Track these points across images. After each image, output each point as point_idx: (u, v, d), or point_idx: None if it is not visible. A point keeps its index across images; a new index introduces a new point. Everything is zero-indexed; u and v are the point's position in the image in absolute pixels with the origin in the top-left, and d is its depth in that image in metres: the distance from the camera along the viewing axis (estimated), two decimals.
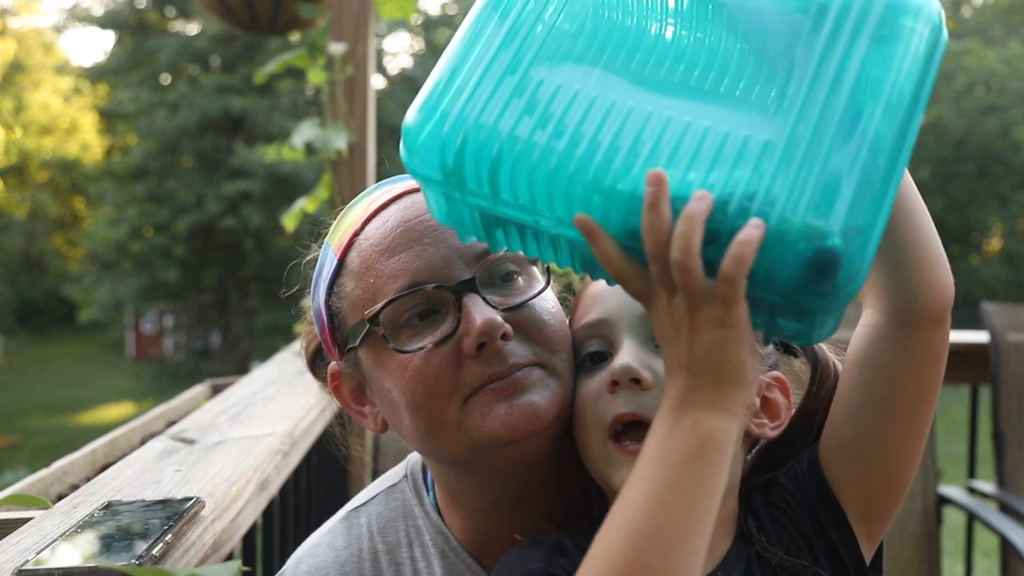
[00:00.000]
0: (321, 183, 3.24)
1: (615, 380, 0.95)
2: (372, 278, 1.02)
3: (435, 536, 1.12)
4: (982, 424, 3.41)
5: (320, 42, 3.19)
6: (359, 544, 1.13)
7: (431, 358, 0.98)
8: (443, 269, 1.00)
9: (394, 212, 1.04)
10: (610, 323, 1.00)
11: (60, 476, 1.70)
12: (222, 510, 1.24)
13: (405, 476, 1.19)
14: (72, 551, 1.00)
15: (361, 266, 1.03)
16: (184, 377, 18.04)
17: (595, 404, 0.97)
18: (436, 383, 0.98)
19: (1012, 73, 25.59)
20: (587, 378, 1.00)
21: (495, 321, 0.96)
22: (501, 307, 1.00)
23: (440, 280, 0.99)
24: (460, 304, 0.98)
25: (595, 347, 1.01)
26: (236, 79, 19.39)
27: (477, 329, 0.96)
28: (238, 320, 20.26)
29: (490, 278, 1.01)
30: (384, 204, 1.06)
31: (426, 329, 1.00)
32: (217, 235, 19.93)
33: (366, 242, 1.04)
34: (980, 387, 3.41)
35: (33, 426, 17.78)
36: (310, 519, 2.19)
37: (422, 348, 0.98)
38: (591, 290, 1.05)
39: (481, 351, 0.97)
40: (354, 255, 1.05)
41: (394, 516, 1.15)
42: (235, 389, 2.20)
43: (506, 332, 0.97)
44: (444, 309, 1.00)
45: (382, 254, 1.02)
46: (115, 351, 27.26)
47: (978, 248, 29.03)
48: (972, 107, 26.24)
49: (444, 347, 0.98)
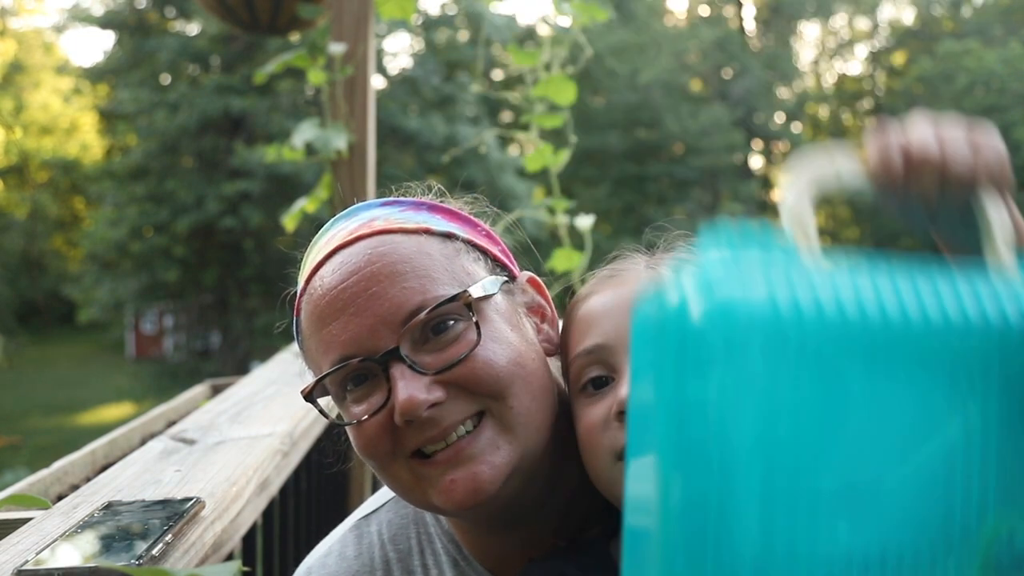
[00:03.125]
0: (321, 183, 3.24)
1: (623, 411, 0.92)
2: (313, 345, 1.04)
3: (447, 544, 1.12)
4: None
5: (320, 42, 3.19)
6: (370, 553, 1.13)
7: (366, 428, 0.99)
8: (368, 340, 0.98)
9: (327, 272, 1.03)
10: (610, 348, 0.97)
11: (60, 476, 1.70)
12: (222, 510, 1.24)
13: None
14: (72, 551, 1.00)
15: (307, 330, 1.06)
16: (184, 377, 18.03)
17: (602, 431, 0.95)
18: (375, 449, 1.00)
19: (1012, 73, 25.56)
20: (590, 404, 0.97)
21: (415, 399, 0.95)
22: (432, 370, 0.97)
23: (366, 352, 0.98)
24: (388, 374, 0.98)
25: (596, 372, 0.98)
26: (236, 79, 19.39)
27: (400, 408, 0.96)
28: (238, 320, 20.26)
29: (421, 335, 0.99)
30: (322, 261, 1.05)
31: (364, 394, 1.01)
32: (217, 235, 19.93)
33: (308, 304, 1.05)
34: None
35: (33, 426, 17.78)
36: (310, 519, 2.19)
37: (355, 421, 1.00)
38: (585, 312, 1.01)
39: (410, 424, 0.97)
40: (304, 317, 1.07)
41: (405, 524, 1.15)
42: (235, 389, 2.20)
43: (435, 402, 0.96)
44: (376, 376, 1.00)
45: (317, 322, 1.03)
46: (115, 351, 27.26)
47: None
48: (972, 107, 26.20)
49: (379, 416, 0.98)
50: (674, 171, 27.39)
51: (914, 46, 31.99)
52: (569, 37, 3.04)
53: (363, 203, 1.10)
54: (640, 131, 27.41)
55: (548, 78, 3.00)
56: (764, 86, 29.86)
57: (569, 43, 3.05)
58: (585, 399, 0.98)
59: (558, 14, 3.03)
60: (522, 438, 0.99)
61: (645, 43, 27.68)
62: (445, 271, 1.01)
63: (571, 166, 3.25)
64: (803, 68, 34.48)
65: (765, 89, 29.93)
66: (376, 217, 1.06)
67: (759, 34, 33.78)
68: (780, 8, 32.55)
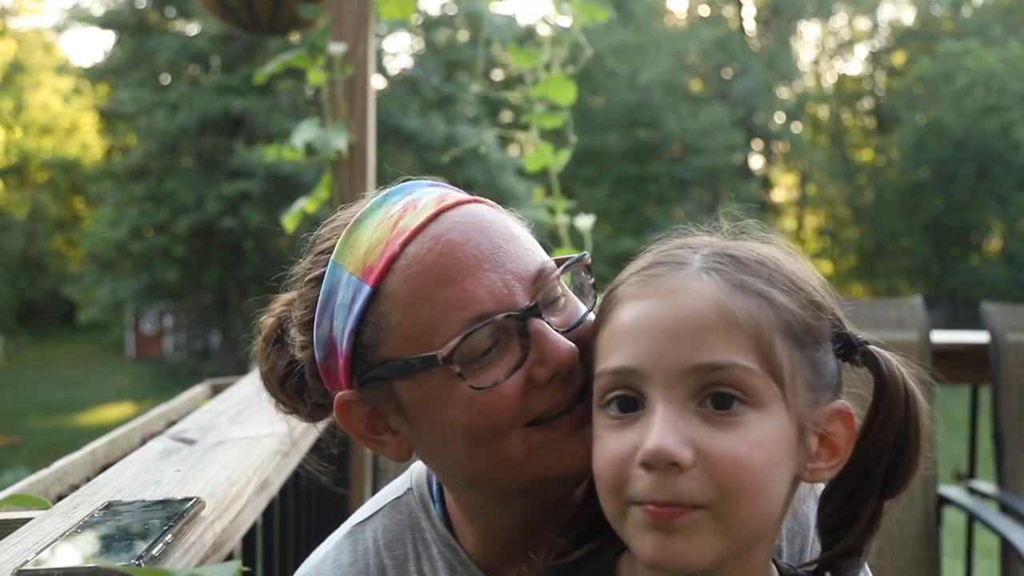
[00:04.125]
0: (321, 183, 3.24)
1: (647, 463, 0.80)
2: (428, 309, 0.95)
3: (443, 549, 1.10)
4: (982, 424, 3.41)
5: (320, 42, 3.19)
6: (365, 560, 1.11)
7: (503, 391, 0.94)
8: (507, 296, 0.96)
9: (439, 234, 0.98)
10: (641, 375, 0.83)
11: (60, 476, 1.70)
12: (222, 510, 1.24)
13: (410, 488, 1.16)
14: (72, 551, 1.00)
15: (410, 295, 0.96)
16: (184, 377, 18.03)
17: (620, 470, 0.82)
18: (503, 415, 0.95)
19: (1012, 73, 25.56)
20: (614, 428, 0.85)
21: (573, 350, 0.94)
22: (562, 329, 0.97)
23: (506, 308, 0.95)
24: (527, 332, 0.95)
25: (622, 392, 0.85)
26: (236, 79, 19.40)
27: (558, 359, 0.94)
28: (238, 320, 20.24)
29: (544, 300, 0.99)
30: (422, 225, 0.99)
31: (495, 358, 0.96)
32: (217, 235, 19.93)
33: (413, 268, 0.96)
34: (980, 387, 3.41)
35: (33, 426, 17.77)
36: (310, 519, 2.19)
37: (495, 383, 0.94)
38: (619, 321, 0.88)
39: (553, 379, 0.95)
40: (397, 283, 0.97)
41: (400, 530, 1.13)
42: (235, 389, 2.20)
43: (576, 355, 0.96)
44: (506, 338, 0.96)
45: (437, 283, 0.95)
46: (115, 351, 27.26)
47: (978, 248, 29.00)
48: (972, 107, 26.21)
49: (514, 377, 0.95)
50: (674, 171, 27.39)
51: (914, 46, 31.99)
52: (569, 37, 3.04)
53: (410, 183, 1.06)
54: (640, 131, 27.41)
55: (548, 78, 3.00)
56: (764, 86, 29.86)
57: (569, 43, 3.05)
58: (608, 419, 0.86)
59: (558, 14, 3.02)
60: None
61: (645, 43, 27.68)
62: (535, 242, 1.04)
63: (571, 166, 3.25)
64: (803, 68, 34.48)
65: (765, 89, 29.93)
66: (447, 191, 1.05)
67: (759, 34, 33.79)
68: (780, 8, 32.55)
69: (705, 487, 0.78)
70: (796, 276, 0.87)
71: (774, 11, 32.99)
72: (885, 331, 3.07)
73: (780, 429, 0.81)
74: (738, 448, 0.78)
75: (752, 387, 0.80)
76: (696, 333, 0.81)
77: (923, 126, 28.49)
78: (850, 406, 0.87)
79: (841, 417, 0.86)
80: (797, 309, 0.84)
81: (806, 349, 0.84)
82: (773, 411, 0.81)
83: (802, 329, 0.84)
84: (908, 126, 29.32)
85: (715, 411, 0.80)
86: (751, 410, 0.80)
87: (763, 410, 0.80)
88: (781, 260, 0.88)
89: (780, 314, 0.83)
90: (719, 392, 0.80)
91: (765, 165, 33.77)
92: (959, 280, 27.04)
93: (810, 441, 0.85)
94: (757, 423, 0.80)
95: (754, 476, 0.79)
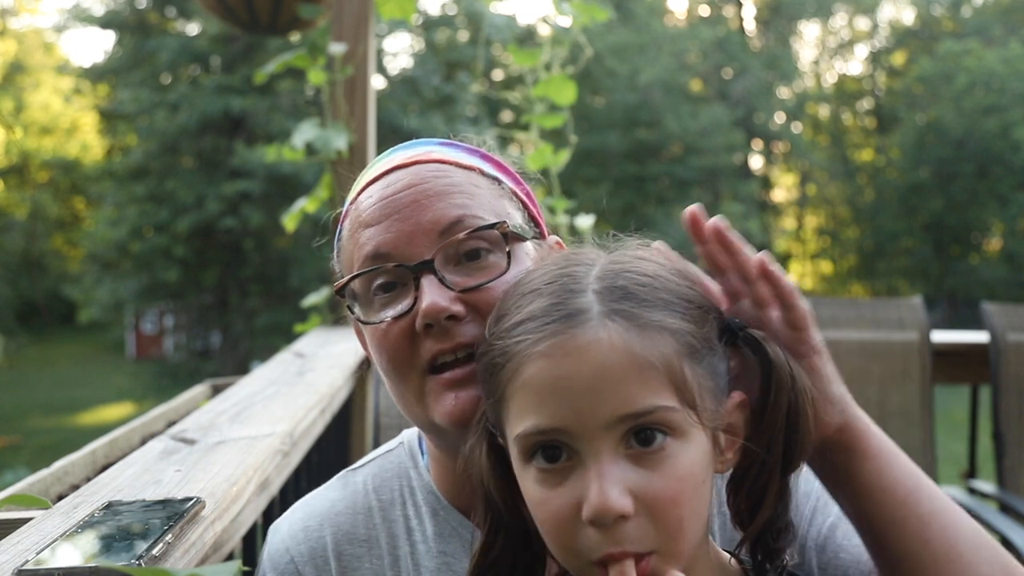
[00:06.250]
0: (321, 183, 3.24)
1: (596, 522, 0.82)
2: (351, 246, 1.10)
3: (427, 495, 1.16)
4: (982, 424, 3.41)
5: (320, 42, 3.19)
6: (354, 498, 1.18)
7: (390, 331, 1.05)
8: (407, 246, 1.05)
9: (379, 187, 1.11)
10: (568, 432, 0.83)
11: (60, 476, 1.70)
12: (222, 510, 1.24)
13: (401, 443, 1.24)
14: (72, 551, 1.00)
15: (347, 233, 1.13)
16: (184, 377, 18.04)
17: (567, 528, 0.84)
18: (396, 354, 1.06)
19: (1012, 73, 25.56)
20: (547, 483, 0.85)
21: (438, 305, 1.01)
22: (459, 288, 1.04)
23: (402, 258, 1.05)
24: (419, 283, 1.04)
25: (547, 443, 0.85)
26: (236, 79, 19.39)
27: (422, 311, 1.02)
28: (238, 320, 20.26)
29: (454, 256, 1.06)
30: (377, 176, 1.13)
31: (390, 301, 1.07)
32: (217, 235, 19.93)
33: (355, 212, 1.12)
34: (980, 387, 3.41)
35: (33, 426, 17.78)
36: None
37: (382, 321, 1.06)
38: (534, 384, 0.85)
39: (429, 330, 1.03)
40: (346, 223, 1.14)
41: (389, 476, 1.20)
42: (235, 389, 2.20)
43: (454, 314, 1.02)
44: (407, 284, 1.06)
45: (360, 225, 1.09)
46: (115, 351, 27.27)
47: (978, 248, 29.00)
48: (972, 107, 26.21)
49: (401, 321, 1.05)
50: (674, 171, 27.38)
51: (914, 46, 31.99)
52: (569, 37, 3.04)
53: (422, 139, 1.18)
54: (640, 131, 27.40)
55: (548, 78, 3.00)
56: (764, 86, 29.86)
57: (569, 43, 3.05)
58: (537, 472, 0.86)
59: (558, 14, 3.03)
60: None
61: (645, 43, 27.67)
62: (488, 204, 1.09)
63: (571, 166, 3.25)
64: (803, 68, 34.47)
65: (765, 89, 29.92)
66: (433, 150, 1.15)
67: (759, 34, 33.78)
68: (780, 8, 32.55)
69: (650, 532, 0.82)
70: (679, 287, 0.89)
71: (774, 11, 32.98)
72: (885, 331, 3.08)
73: (700, 449, 0.85)
74: (670, 485, 0.82)
75: (673, 421, 0.83)
76: (615, 386, 0.82)
77: (923, 126, 28.49)
78: (742, 394, 0.91)
79: (739, 407, 0.90)
80: (692, 327, 0.87)
81: (704, 361, 0.87)
82: (692, 435, 0.85)
83: (699, 344, 0.87)
84: (908, 126, 29.32)
85: (641, 448, 0.83)
86: (674, 441, 0.84)
87: (683, 438, 0.84)
88: (663, 274, 0.90)
89: (681, 339, 0.85)
90: (642, 429, 0.83)
91: (765, 165, 33.77)
92: (959, 280, 27.04)
93: (720, 441, 0.89)
94: (681, 453, 0.84)
95: (688, 505, 0.84)
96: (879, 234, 29.10)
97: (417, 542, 1.14)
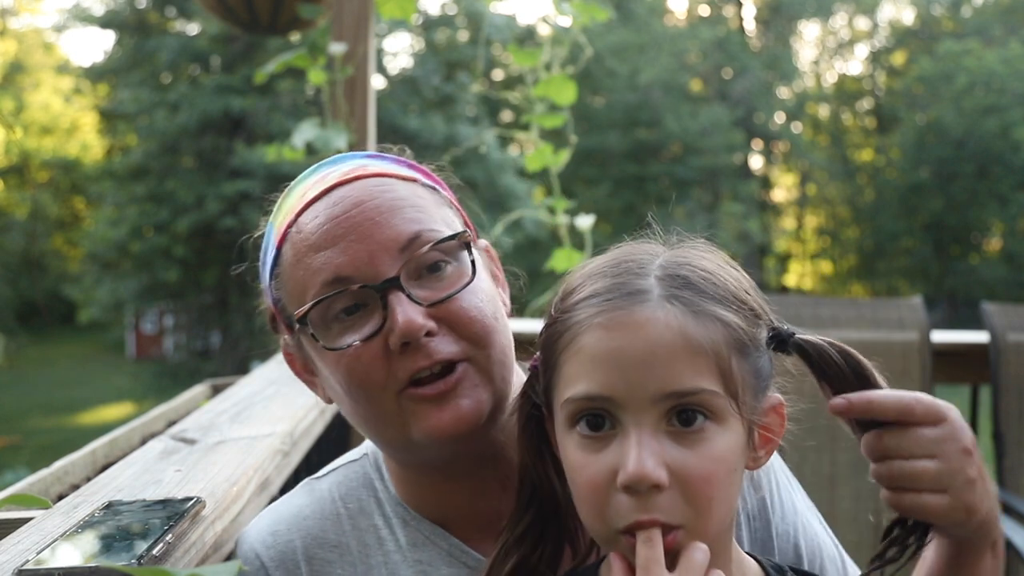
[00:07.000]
0: None
1: (630, 488, 0.86)
2: (301, 272, 1.06)
3: (395, 507, 1.15)
4: (982, 424, 3.41)
5: (320, 42, 3.19)
6: (321, 504, 1.17)
7: (361, 354, 1.02)
8: (367, 266, 1.03)
9: (324, 207, 1.07)
10: (614, 401, 0.88)
11: (60, 476, 1.70)
12: (222, 510, 1.24)
13: (366, 453, 1.22)
14: (73, 551, 1.00)
15: (293, 259, 1.07)
16: (184, 377, 18.03)
17: (605, 495, 0.88)
18: (368, 377, 1.03)
19: (1012, 73, 25.55)
20: (587, 450, 0.90)
21: (415, 323, 1.00)
22: (427, 302, 1.03)
23: (365, 279, 1.02)
24: (385, 302, 1.02)
25: (594, 413, 0.90)
26: (236, 79, 19.39)
27: (399, 330, 1.00)
28: (238, 320, 20.24)
29: (415, 271, 1.05)
30: (317, 196, 1.09)
31: (355, 324, 1.04)
32: (217, 235, 19.91)
33: (298, 235, 1.07)
34: (980, 387, 3.41)
35: (33, 426, 17.78)
36: None
37: (350, 345, 1.03)
38: (590, 353, 0.90)
39: (406, 348, 1.01)
40: (288, 247, 1.09)
41: (355, 486, 1.19)
42: (235, 389, 2.20)
43: (429, 330, 1.01)
44: (371, 304, 1.03)
45: (310, 249, 1.05)
46: (115, 351, 27.26)
47: (978, 248, 28.99)
48: (972, 107, 26.20)
49: (372, 342, 1.02)
50: (674, 171, 27.38)
51: (914, 46, 31.98)
52: (569, 37, 3.04)
53: (347, 153, 1.16)
54: (640, 131, 27.40)
55: (548, 78, 3.00)
56: (764, 86, 29.85)
57: (569, 43, 3.05)
58: (580, 437, 0.91)
59: (558, 14, 3.03)
60: (498, 387, 1.05)
61: (645, 43, 27.67)
62: (436, 214, 1.09)
63: (571, 166, 3.25)
64: (803, 68, 34.46)
65: (765, 89, 29.92)
66: (367, 164, 1.12)
67: (759, 34, 33.78)
68: (780, 8, 32.53)
69: (681, 506, 0.86)
70: (736, 288, 0.95)
71: (774, 11, 32.97)
72: (885, 331, 3.07)
73: (736, 438, 0.90)
74: (705, 465, 0.87)
75: (715, 406, 0.88)
76: (666, 363, 0.87)
77: (923, 126, 28.48)
78: (781, 397, 0.97)
79: (776, 410, 0.96)
80: (743, 324, 0.92)
81: (750, 358, 0.92)
82: (730, 423, 0.90)
83: (748, 341, 0.92)
84: (908, 126, 29.31)
85: (681, 428, 0.88)
86: (713, 425, 0.88)
87: (723, 424, 0.89)
88: (722, 273, 0.95)
89: (732, 333, 0.91)
90: (685, 409, 0.88)
91: (765, 165, 33.76)
92: (959, 280, 27.03)
93: (755, 437, 0.95)
94: (719, 437, 0.88)
95: (720, 487, 0.88)
96: (879, 234, 29.09)
97: (391, 551, 1.13)
